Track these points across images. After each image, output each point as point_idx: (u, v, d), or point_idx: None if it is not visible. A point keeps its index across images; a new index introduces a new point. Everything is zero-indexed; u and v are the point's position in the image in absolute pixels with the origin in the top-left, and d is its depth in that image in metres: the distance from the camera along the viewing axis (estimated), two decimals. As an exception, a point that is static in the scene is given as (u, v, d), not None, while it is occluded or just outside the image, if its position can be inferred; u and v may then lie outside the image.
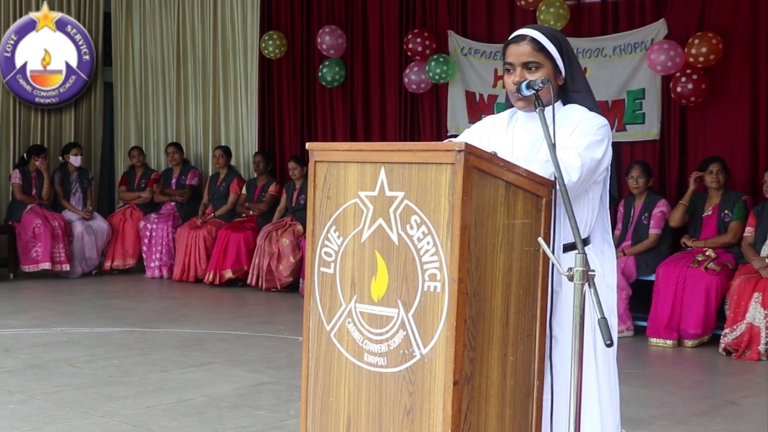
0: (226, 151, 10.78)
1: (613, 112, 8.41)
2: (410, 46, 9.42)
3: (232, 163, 10.97)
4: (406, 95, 9.81)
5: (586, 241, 3.04)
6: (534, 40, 2.99)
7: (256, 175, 10.58)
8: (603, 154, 2.94)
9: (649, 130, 8.33)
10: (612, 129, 8.75)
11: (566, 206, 2.53)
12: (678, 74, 7.89)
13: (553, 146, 2.65)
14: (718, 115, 8.01)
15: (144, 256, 10.77)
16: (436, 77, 9.25)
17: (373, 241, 2.67)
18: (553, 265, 2.70)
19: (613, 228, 8.13)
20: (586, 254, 2.43)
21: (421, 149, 2.58)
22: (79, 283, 10.06)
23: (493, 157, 2.58)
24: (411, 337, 2.58)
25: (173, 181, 11.16)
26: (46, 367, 6.06)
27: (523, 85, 2.90)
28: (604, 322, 2.31)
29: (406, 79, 9.56)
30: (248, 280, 9.84)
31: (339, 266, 2.77)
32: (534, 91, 2.86)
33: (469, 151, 2.47)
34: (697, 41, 7.78)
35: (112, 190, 12.27)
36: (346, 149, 2.79)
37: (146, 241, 10.73)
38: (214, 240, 10.15)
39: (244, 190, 10.59)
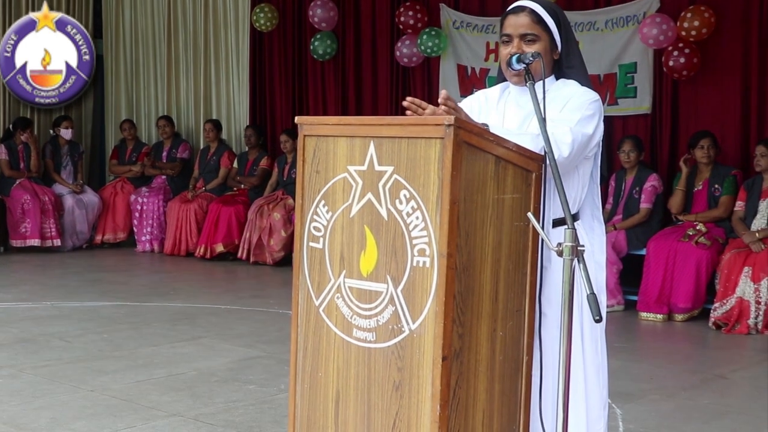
0: (216, 125, 10.74)
1: (605, 86, 8.39)
2: (402, 19, 9.37)
3: (224, 136, 10.93)
4: (397, 69, 9.77)
5: (575, 217, 3.02)
6: (533, 12, 2.95)
7: (247, 149, 10.55)
8: (594, 129, 2.92)
9: (640, 104, 8.32)
10: (604, 103, 8.72)
11: (556, 181, 2.52)
12: (670, 48, 7.87)
13: (543, 120, 2.63)
14: (710, 89, 8.00)
15: (135, 229, 10.75)
16: (428, 51, 9.21)
17: (362, 216, 2.65)
18: (542, 240, 2.68)
19: (604, 202, 8.14)
20: (575, 229, 2.42)
21: (410, 123, 2.55)
22: (70, 257, 10.04)
23: (483, 131, 2.56)
24: (400, 313, 2.57)
25: (164, 154, 11.11)
26: (36, 341, 6.05)
27: (514, 58, 2.88)
28: (593, 298, 2.30)
29: (397, 53, 9.52)
30: (239, 254, 9.83)
31: (328, 241, 2.75)
32: (525, 65, 2.83)
33: (459, 125, 2.44)
34: (689, 15, 7.75)
35: (103, 163, 12.22)
36: (336, 123, 2.77)
37: (137, 214, 10.70)
38: (205, 214, 10.13)
39: (235, 164, 10.55)
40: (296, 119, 2.83)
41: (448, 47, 9.32)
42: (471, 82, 9.13)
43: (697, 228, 7.36)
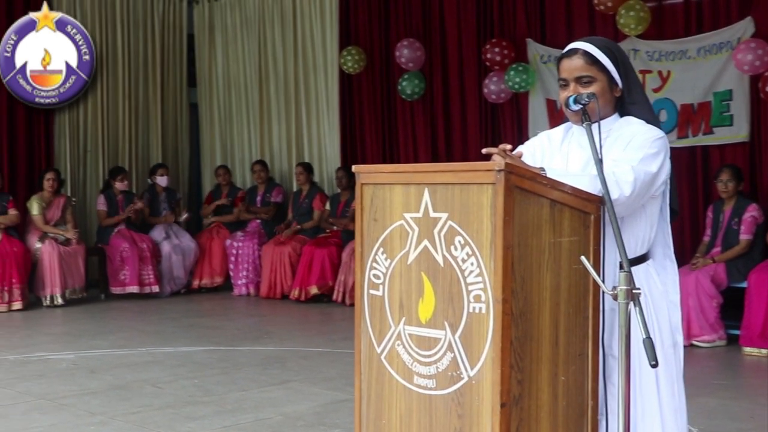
0: (307, 168, 10.85)
1: (700, 115, 8.22)
2: (489, 56, 9.36)
3: (316, 179, 11.03)
4: (486, 106, 9.74)
5: (645, 257, 2.95)
6: (587, 54, 2.92)
7: (339, 191, 10.62)
8: (659, 167, 2.85)
9: (738, 132, 8.10)
10: (699, 132, 8.47)
11: (612, 223, 2.46)
12: (767, 74, 7.66)
13: (600, 162, 2.58)
14: (810, 114, 7.76)
15: (231, 273, 10.90)
16: (516, 86, 9.16)
17: (419, 263, 2.65)
18: (604, 282, 2.62)
19: (702, 234, 7.93)
20: (630, 272, 2.36)
21: (462, 170, 2.55)
22: (168, 303, 10.22)
23: (536, 175, 2.52)
24: (458, 359, 2.55)
25: (258, 198, 11.27)
26: (129, 387, 6.16)
27: (571, 99, 2.85)
28: (648, 342, 2.23)
29: (485, 90, 9.50)
30: (333, 296, 9.87)
31: (387, 288, 2.75)
32: (581, 106, 2.79)
33: (510, 170, 2.42)
34: (785, 38, 7.56)
35: (199, 209, 12.46)
36: (391, 171, 2.78)
37: (233, 258, 10.85)
38: (299, 256, 10.21)
39: (327, 206, 10.63)
40: (354, 168, 2.85)
41: (537, 82, 9.26)
42: (561, 115, 8.96)
43: (801, 258, 7.12)
